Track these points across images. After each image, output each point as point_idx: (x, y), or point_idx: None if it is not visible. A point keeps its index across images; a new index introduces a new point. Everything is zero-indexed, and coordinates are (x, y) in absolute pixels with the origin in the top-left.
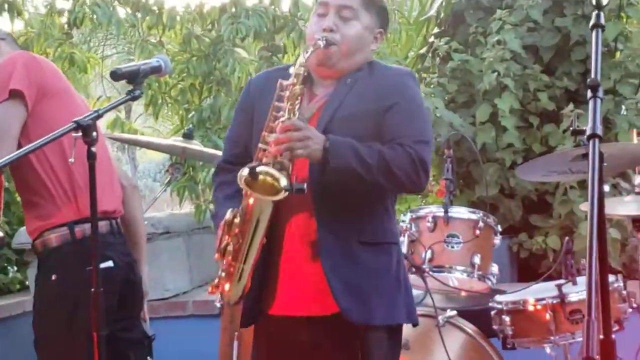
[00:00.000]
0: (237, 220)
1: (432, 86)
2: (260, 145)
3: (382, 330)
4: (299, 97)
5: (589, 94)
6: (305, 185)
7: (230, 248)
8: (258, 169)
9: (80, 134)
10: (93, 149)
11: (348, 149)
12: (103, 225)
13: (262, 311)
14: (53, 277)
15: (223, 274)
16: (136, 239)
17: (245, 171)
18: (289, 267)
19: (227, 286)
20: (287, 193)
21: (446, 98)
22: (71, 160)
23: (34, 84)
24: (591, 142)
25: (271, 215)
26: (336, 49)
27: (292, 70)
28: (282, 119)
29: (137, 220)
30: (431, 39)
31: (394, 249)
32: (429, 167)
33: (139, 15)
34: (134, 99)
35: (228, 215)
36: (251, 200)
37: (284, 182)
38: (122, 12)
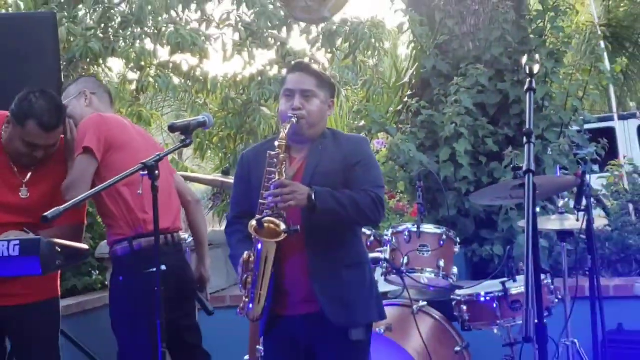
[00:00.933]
0: (251, 259)
1: (406, 134)
2: (260, 201)
3: (361, 326)
4: (284, 162)
5: (525, 140)
6: (298, 227)
7: (249, 279)
8: (263, 219)
9: (146, 172)
10: (156, 183)
11: (329, 196)
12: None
13: (276, 315)
14: (120, 278)
15: (247, 299)
16: (199, 239)
17: (253, 222)
18: (291, 287)
19: (250, 306)
20: (286, 234)
21: (417, 143)
22: (140, 192)
23: (102, 140)
24: (527, 175)
25: (275, 252)
26: (305, 122)
27: (276, 143)
28: (273, 180)
29: (199, 225)
30: (405, 99)
31: (367, 267)
32: (384, 205)
33: (189, 83)
34: (186, 146)
35: (245, 256)
36: (259, 245)
37: (283, 226)
38: (176, 80)
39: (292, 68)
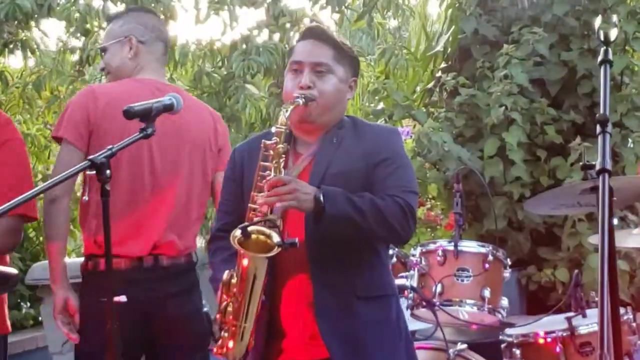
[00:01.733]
0: (234, 280)
1: (439, 121)
2: (250, 205)
3: None
4: (283, 155)
5: (598, 129)
6: (297, 240)
7: (230, 308)
8: (249, 228)
9: (94, 171)
10: (107, 187)
11: (342, 197)
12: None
13: None
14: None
15: (226, 334)
16: None
17: (237, 232)
18: (290, 325)
19: (230, 344)
20: (279, 249)
21: (454, 132)
22: (85, 198)
23: (84, 125)
24: (601, 176)
25: (267, 272)
26: (315, 104)
27: (273, 129)
28: (268, 178)
29: None
30: (438, 74)
31: (393, 300)
32: (416, 216)
33: None
34: (147, 136)
35: (225, 276)
36: (245, 262)
37: (276, 238)
38: None
39: (302, 34)
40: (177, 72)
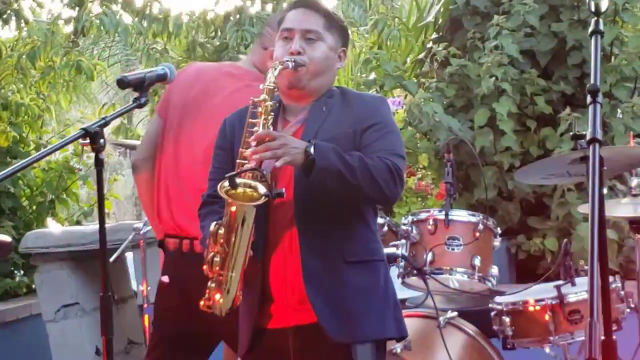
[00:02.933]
0: (221, 231)
1: (430, 91)
2: (238, 161)
3: (369, 343)
4: (271, 113)
5: (589, 99)
6: (283, 190)
7: (217, 259)
8: (237, 180)
9: (87, 141)
10: (101, 155)
11: (331, 151)
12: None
13: (260, 329)
14: None
15: (213, 285)
16: None
17: (225, 182)
18: (279, 290)
19: (217, 296)
20: (266, 198)
21: (444, 102)
22: (80, 167)
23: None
24: (591, 146)
25: (256, 233)
26: (305, 70)
27: (261, 86)
28: (257, 133)
29: None
30: (429, 45)
31: (381, 266)
32: (404, 180)
33: (144, 23)
34: (140, 106)
35: (212, 227)
36: (233, 208)
37: (262, 189)
38: (127, 19)
39: (294, 3)
40: (170, 43)
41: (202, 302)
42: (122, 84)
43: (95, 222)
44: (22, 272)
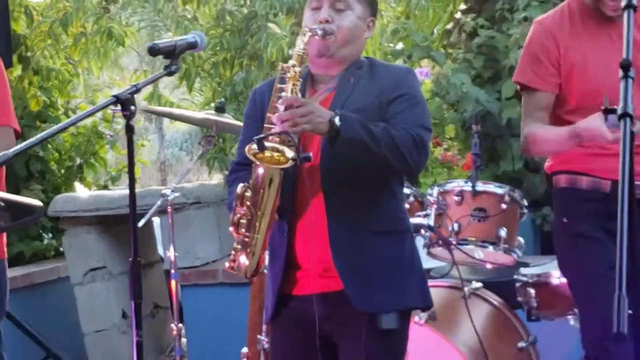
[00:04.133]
0: (247, 193)
1: (458, 62)
2: (265, 125)
3: (394, 313)
4: (300, 79)
5: (621, 73)
6: (310, 154)
7: (243, 220)
8: (266, 144)
9: (119, 107)
10: (131, 122)
11: (357, 122)
12: None
13: (286, 295)
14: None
15: (239, 246)
16: None
17: (253, 144)
18: (306, 258)
19: (242, 258)
20: (293, 162)
21: (472, 74)
22: (110, 133)
23: None
24: (622, 121)
25: (282, 197)
26: (333, 38)
27: (291, 52)
28: (283, 98)
29: None
30: (457, 15)
31: (406, 236)
32: (428, 151)
33: None
34: (171, 74)
35: (239, 189)
36: (260, 170)
37: (290, 153)
38: None
39: None
40: (199, 10)
41: (226, 264)
42: (153, 51)
43: (123, 187)
44: (50, 235)
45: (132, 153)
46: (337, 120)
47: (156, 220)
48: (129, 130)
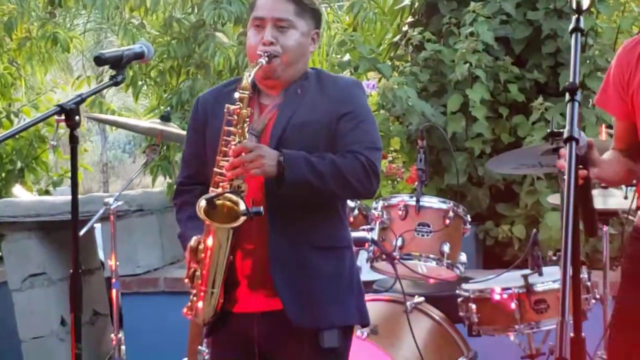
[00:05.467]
0: (201, 247)
1: (404, 75)
2: (215, 169)
3: (336, 329)
4: (247, 120)
5: (567, 97)
6: (261, 209)
7: (198, 273)
8: (215, 198)
9: (63, 117)
10: (75, 132)
11: (302, 162)
12: None
13: (226, 311)
14: None
15: (194, 298)
16: None
17: (202, 202)
18: (247, 276)
19: (200, 304)
20: (245, 218)
21: (418, 87)
22: (53, 143)
23: None
24: (568, 144)
25: (232, 242)
26: (279, 61)
27: (236, 95)
28: (233, 143)
29: None
30: (405, 28)
31: (347, 253)
32: (379, 174)
33: None
34: (117, 84)
35: (192, 242)
36: (211, 234)
37: (242, 206)
38: None
39: None
40: (147, 18)
41: (184, 310)
42: (99, 61)
43: (65, 188)
44: None
45: (76, 163)
46: (282, 162)
47: (97, 226)
48: (73, 140)
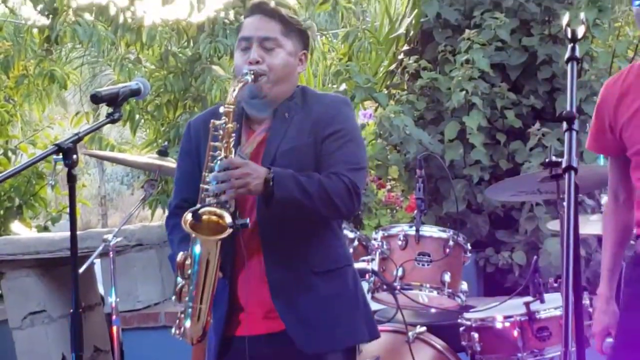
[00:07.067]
0: (188, 262)
1: (401, 103)
2: (202, 185)
3: (340, 352)
4: (233, 135)
5: (565, 125)
6: (248, 220)
7: (185, 289)
8: (201, 210)
9: (60, 156)
10: (73, 171)
11: (290, 180)
12: None
13: (230, 337)
14: None
15: (182, 315)
16: None
17: (188, 215)
18: (248, 302)
19: (187, 323)
20: (231, 230)
21: (415, 115)
22: (52, 182)
23: None
24: (567, 174)
25: (223, 252)
26: (265, 79)
27: (221, 109)
28: (219, 158)
29: None
30: (400, 57)
31: (349, 270)
32: (361, 193)
33: (118, 33)
34: (114, 121)
35: (179, 258)
36: (197, 244)
37: (227, 219)
38: (101, 29)
39: (249, 10)
40: (143, 52)
41: (172, 330)
42: (95, 99)
43: (64, 222)
44: None
45: (74, 202)
46: (271, 181)
47: (97, 261)
48: (71, 180)
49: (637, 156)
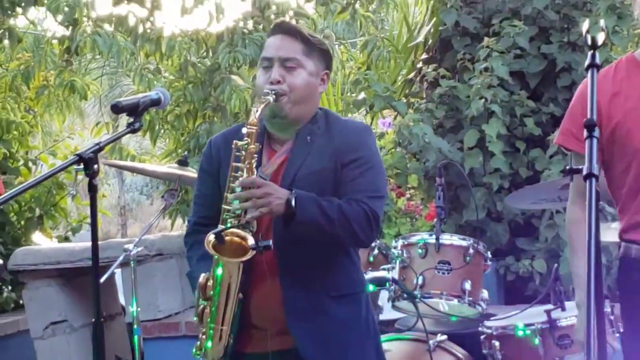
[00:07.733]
0: (210, 283)
1: (420, 112)
2: (224, 206)
3: None
4: (255, 155)
5: (585, 133)
6: (271, 242)
7: (207, 311)
8: (224, 232)
9: (82, 166)
10: (94, 181)
11: (313, 203)
12: None
13: (240, 353)
14: None
15: (204, 336)
16: None
17: (211, 237)
18: (260, 320)
19: (209, 344)
20: (254, 252)
21: (434, 123)
22: (73, 192)
23: None
24: (588, 182)
25: (242, 275)
26: (286, 99)
27: (244, 130)
28: (241, 178)
29: None
30: (419, 65)
31: (362, 297)
32: (380, 223)
33: (137, 43)
34: (134, 131)
35: (201, 279)
36: (220, 266)
37: (250, 241)
38: (121, 39)
39: (271, 30)
40: (162, 63)
41: (194, 350)
42: (116, 109)
43: (85, 239)
44: (9, 287)
45: (95, 212)
46: (293, 202)
47: (117, 271)
48: (92, 189)
49: (635, 156)
